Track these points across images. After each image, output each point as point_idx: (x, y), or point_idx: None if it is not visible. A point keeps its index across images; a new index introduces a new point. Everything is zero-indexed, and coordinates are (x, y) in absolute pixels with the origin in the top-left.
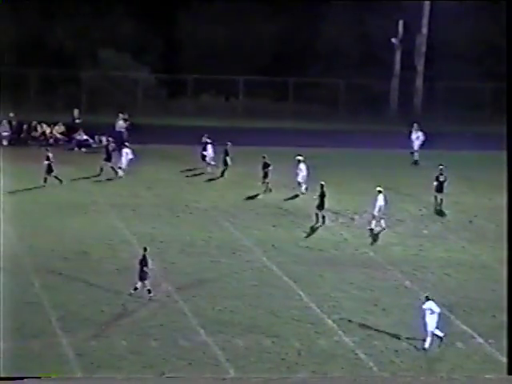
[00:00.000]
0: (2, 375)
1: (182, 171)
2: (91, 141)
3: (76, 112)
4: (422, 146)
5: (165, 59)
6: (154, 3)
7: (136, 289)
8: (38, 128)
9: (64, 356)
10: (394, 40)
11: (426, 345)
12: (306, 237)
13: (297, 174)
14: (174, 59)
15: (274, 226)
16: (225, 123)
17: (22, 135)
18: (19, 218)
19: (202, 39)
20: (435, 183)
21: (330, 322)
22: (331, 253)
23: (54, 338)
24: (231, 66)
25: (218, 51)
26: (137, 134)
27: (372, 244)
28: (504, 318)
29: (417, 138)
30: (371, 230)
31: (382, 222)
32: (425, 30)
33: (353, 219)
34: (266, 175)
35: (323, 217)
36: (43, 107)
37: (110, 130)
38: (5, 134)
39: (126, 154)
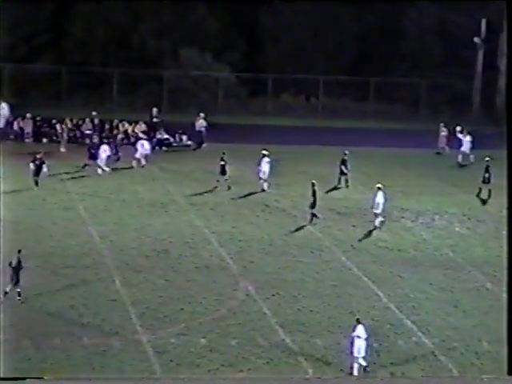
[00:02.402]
0: (5, 376)
1: (278, 170)
2: (172, 140)
3: (154, 111)
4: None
5: (246, 58)
6: (237, 2)
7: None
8: (120, 126)
9: (144, 353)
10: (476, 39)
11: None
12: (386, 237)
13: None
14: (255, 58)
15: (353, 226)
16: (305, 123)
17: (105, 134)
18: (101, 216)
19: (284, 38)
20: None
21: (409, 322)
22: (411, 253)
23: (134, 335)
24: (312, 66)
25: (300, 50)
26: (217, 133)
27: (452, 245)
28: None
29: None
30: (375, 227)
31: (379, 219)
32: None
33: (433, 220)
34: (342, 172)
35: (313, 216)
36: (125, 106)
37: (191, 129)
38: (88, 132)
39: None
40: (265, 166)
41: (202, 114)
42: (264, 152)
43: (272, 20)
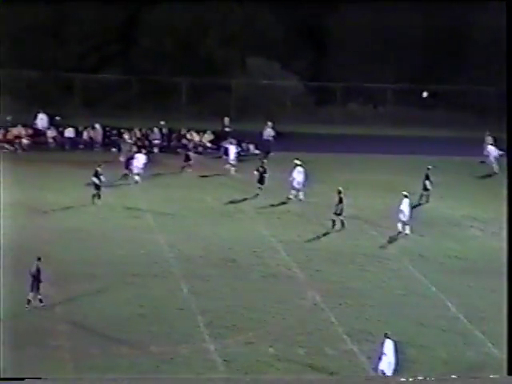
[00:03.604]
0: (5, 376)
1: (344, 178)
2: (239, 149)
3: (226, 120)
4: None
5: (313, 67)
6: (304, 11)
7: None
8: (188, 136)
9: (212, 361)
10: None
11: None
12: (455, 246)
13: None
14: (323, 67)
15: (421, 236)
16: (373, 131)
17: (172, 143)
18: (170, 225)
19: (352, 47)
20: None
21: (479, 333)
22: (480, 263)
23: (202, 344)
24: (380, 74)
25: (367, 59)
26: (284, 142)
27: None
28: None
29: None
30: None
31: (407, 226)
32: None
33: (501, 228)
34: (425, 188)
35: (340, 222)
36: (193, 115)
37: (258, 138)
38: (156, 141)
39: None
40: (298, 176)
41: (269, 123)
42: (296, 162)
43: (339, 28)
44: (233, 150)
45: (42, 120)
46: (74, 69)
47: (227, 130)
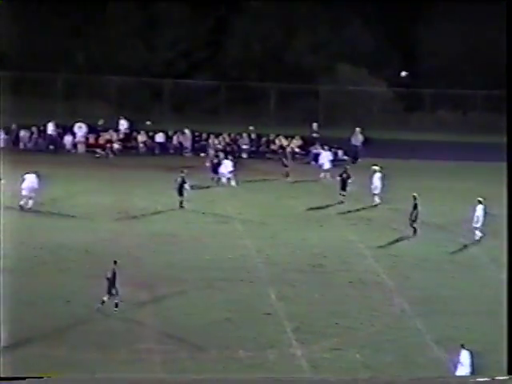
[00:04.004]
0: (5, 375)
1: (430, 185)
2: (332, 155)
3: (315, 125)
4: None
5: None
6: (392, 17)
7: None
8: (276, 141)
9: (299, 367)
10: None
11: None
12: None
13: None
14: (412, 73)
15: None
16: (462, 138)
17: (261, 148)
18: (257, 230)
19: (440, 53)
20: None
21: None
22: None
23: (289, 349)
24: (469, 80)
25: (456, 65)
26: (372, 148)
27: None
28: None
29: None
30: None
31: (478, 233)
32: None
33: None
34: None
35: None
36: (281, 121)
37: (346, 144)
38: (244, 146)
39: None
40: (376, 182)
41: (358, 129)
42: (375, 168)
43: (428, 34)
44: (327, 156)
45: (122, 126)
46: (164, 74)
47: (315, 135)
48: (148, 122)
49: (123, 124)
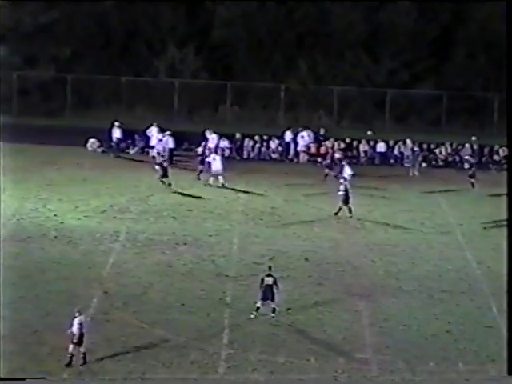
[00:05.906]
0: (5, 376)
1: None
2: None
3: None
4: None
5: None
6: None
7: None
8: (500, 152)
9: None
10: None
11: None
12: None
13: None
14: None
15: None
16: None
17: (484, 159)
18: (479, 241)
19: None
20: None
21: None
22: None
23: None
24: None
25: None
26: None
27: None
28: None
29: None
30: None
31: None
32: None
33: None
34: None
35: None
36: (505, 130)
37: None
38: (466, 157)
39: None
40: None
41: None
42: None
43: None
44: None
45: (302, 138)
46: (386, 84)
47: None
48: (369, 132)
49: (303, 136)
